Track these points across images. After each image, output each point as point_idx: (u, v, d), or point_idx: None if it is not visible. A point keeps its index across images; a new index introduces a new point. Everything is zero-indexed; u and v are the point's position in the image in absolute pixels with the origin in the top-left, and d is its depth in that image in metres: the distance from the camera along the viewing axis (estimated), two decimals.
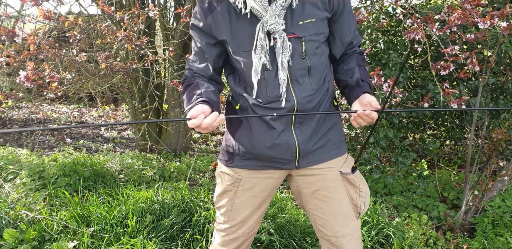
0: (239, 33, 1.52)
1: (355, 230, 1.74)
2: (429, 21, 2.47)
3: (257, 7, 1.46)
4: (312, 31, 1.53)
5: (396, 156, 3.32)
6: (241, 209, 1.74)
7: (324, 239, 1.76)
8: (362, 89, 1.56)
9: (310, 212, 1.76)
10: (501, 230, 2.91)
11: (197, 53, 1.64)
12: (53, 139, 5.06)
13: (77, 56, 2.94)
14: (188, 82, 1.60)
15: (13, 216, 2.67)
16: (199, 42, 1.60)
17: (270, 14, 1.46)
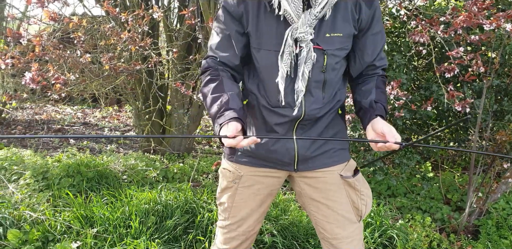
0: (264, 30, 1.49)
1: (356, 233, 1.73)
2: (434, 23, 2.47)
3: (290, 11, 1.43)
4: (337, 45, 1.51)
5: (400, 157, 3.31)
6: (241, 206, 1.74)
7: (325, 241, 1.76)
8: (375, 112, 1.52)
9: (311, 213, 1.76)
10: (505, 232, 2.90)
11: (223, 40, 1.54)
12: (57, 139, 5.07)
13: (81, 58, 2.95)
14: (212, 75, 1.53)
15: (17, 217, 2.68)
16: (227, 29, 1.52)
17: (302, 22, 1.43)
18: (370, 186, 3.55)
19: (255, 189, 1.72)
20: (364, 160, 3.37)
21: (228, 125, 1.35)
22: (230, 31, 1.51)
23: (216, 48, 1.56)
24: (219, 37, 1.55)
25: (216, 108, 1.44)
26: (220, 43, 1.55)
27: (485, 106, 3.10)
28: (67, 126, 5.78)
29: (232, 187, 1.73)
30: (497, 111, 3.40)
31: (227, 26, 1.51)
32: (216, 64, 1.56)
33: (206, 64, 1.58)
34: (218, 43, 1.55)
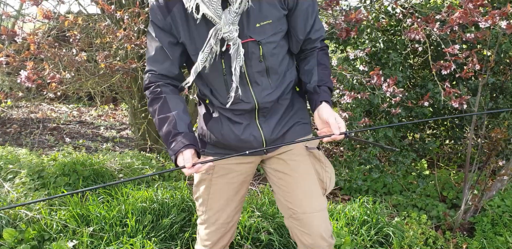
0: (196, 36, 1.51)
1: (322, 207, 1.77)
2: (430, 20, 2.48)
3: (210, 14, 1.43)
4: (269, 32, 1.53)
5: (396, 155, 3.32)
6: (217, 197, 1.77)
7: (293, 219, 1.78)
8: (319, 98, 1.56)
9: (280, 188, 1.78)
10: (500, 229, 2.91)
11: (158, 53, 1.56)
12: (53, 138, 5.06)
13: (77, 56, 2.94)
14: (155, 94, 1.55)
15: (13, 216, 2.67)
16: (159, 41, 1.54)
17: (224, 22, 1.44)
18: (366, 184, 3.57)
19: (229, 178, 1.75)
20: (360, 157, 3.38)
21: (184, 154, 1.41)
22: (163, 44, 1.53)
23: (153, 61, 1.56)
24: (154, 50, 1.55)
25: (166, 130, 1.48)
26: (156, 57, 1.56)
27: (480, 104, 3.11)
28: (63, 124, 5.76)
29: (206, 178, 1.76)
30: (492, 109, 3.41)
31: (159, 39, 1.53)
32: (157, 78, 1.57)
33: (147, 80, 1.59)
34: (154, 56, 1.56)
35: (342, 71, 2.95)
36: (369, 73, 2.79)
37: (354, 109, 3.23)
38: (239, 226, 2.70)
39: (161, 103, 1.52)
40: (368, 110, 3.50)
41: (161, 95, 1.54)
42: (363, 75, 2.85)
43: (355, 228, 2.82)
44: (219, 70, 1.55)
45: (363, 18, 2.68)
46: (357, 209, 2.96)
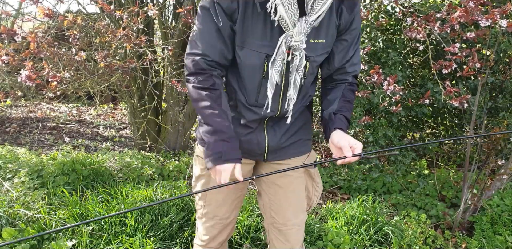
0: (249, 29, 1.44)
1: (303, 222, 1.82)
2: (430, 19, 2.47)
3: (287, 18, 1.38)
4: (319, 52, 1.51)
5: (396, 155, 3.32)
6: (216, 191, 1.73)
7: (273, 227, 1.81)
8: (333, 125, 1.53)
9: (269, 197, 1.80)
10: (499, 228, 2.92)
11: (214, 36, 1.43)
12: (52, 137, 5.06)
13: (76, 55, 2.93)
14: (210, 86, 1.46)
15: (12, 215, 2.67)
16: (219, 23, 1.42)
17: (298, 30, 1.40)
18: (365, 183, 3.57)
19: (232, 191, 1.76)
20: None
21: (236, 167, 1.41)
22: (224, 26, 1.42)
23: (206, 45, 1.44)
24: (209, 32, 1.43)
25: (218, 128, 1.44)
26: (212, 40, 1.44)
27: (480, 103, 3.11)
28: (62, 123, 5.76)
29: (205, 174, 1.76)
30: (492, 108, 3.41)
31: (221, 20, 1.41)
32: (210, 65, 1.47)
33: (197, 65, 1.47)
34: (209, 39, 1.44)
35: None
36: (369, 72, 2.79)
37: (354, 108, 3.24)
38: (239, 225, 2.70)
39: (216, 96, 1.46)
40: (368, 109, 3.50)
41: (216, 88, 1.47)
42: (363, 74, 2.85)
43: (355, 227, 2.82)
44: (260, 72, 1.51)
45: (362, 17, 2.68)
46: (356, 208, 2.96)
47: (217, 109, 1.45)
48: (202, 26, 1.44)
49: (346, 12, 1.48)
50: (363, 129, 3.41)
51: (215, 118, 1.44)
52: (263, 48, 1.46)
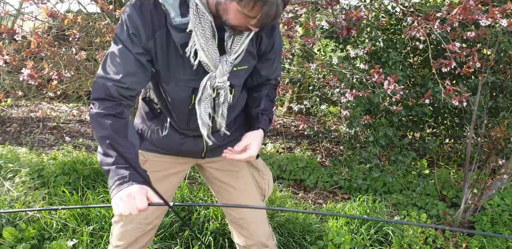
0: (173, 66, 1.42)
1: (262, 214, 1.85)
2: (430, 19, 2.47)
3: (208, 62, 1.39)
4: (243, 77, 1.56)
5: (396, 154, 3.32)
6: None
7: (233, 223, 1.85)
8: (258, 124, 1.63)
9: (222, 196, 1.83)
10: (500, 228, 2.92)
11: (131, 64, 1.35)
12: (52, 137, 5.06)
13: (77, 55, 2.94)
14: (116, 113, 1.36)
15: (13, 215, 2.67)
16: (135, 53, 1.35)
17: (220, 72, 1.43)
18: (366, 183, 3.57)
19: (159, 176, 1.73)
20: (360, 157, 3.38)
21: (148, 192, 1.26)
22: (140, 58, 1.36)
23: (123, 71, 1.34)
24: (126, 61, 1.35)
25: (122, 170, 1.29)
26: (128, 67, 1.35)
27: (480, 103, 3.11)
28: (63, 123, 5.76)
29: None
30: (492, 108, 3.41)
31: (136, 51, 1.35)
32: (120, 95, 1.37)
33: (108, 90, 1.34)
34: (125, 66, 1.34)
35: (343, 69, 2.95)
36: (369, 71, 2.79)
37: (354, 108, 3.23)
38: None
39: (121, 126, 1.35)
40: (368, 109, 3.50)
41: (123, 117, 1.38)
42: (363, 74, 2.85)
43: (355, 227, 2.82)
44: (187, 103, 1.52)
45: (364, 16, 2.68)
46: (357, 208, 2.96)
47: (120, 140, 1.33)
48: (119, 51, 1.35)
49: (265, 38, 1.49)
50: (364, 128, 3.41)
51: (117, 149, 1.25)
52: (189, 83, 1.47)
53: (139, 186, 1.25)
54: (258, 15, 1.21)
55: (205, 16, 1.31)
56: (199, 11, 1.30)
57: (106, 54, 1.40)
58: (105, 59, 1.39)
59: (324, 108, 5.01)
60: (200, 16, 1.31)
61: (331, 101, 4.57)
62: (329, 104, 4.77)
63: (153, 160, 1.72)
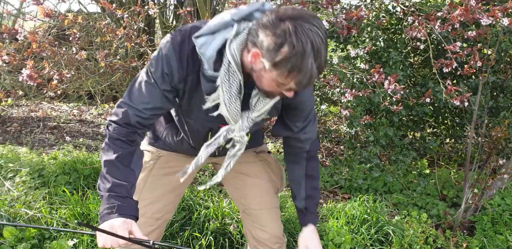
0: (195, 106, 1.45)
1: (274, 205, 1.86)
2: (431, 18, 2.47)
3: (228, 116, 1.41)
4: (261, 123, 1.59)
5: (396, 154, 3.32)
6: (152, 188, 1.76)
7: (246, 214, 1.86)
8: (307, 220, 1.70)
9: (236, 187, 1.86)
10: (500, 228, 2.91)
11: (155, 98, 1.39)
12: (53, 137, 5.06)
13: (77, 55, 2.94)
14: (128, 140, 1.41)
15: (13, 214, 2.67)
16: (165, 95, 1.39)
17: (239, 127, 1.44)
18: (366, 183, 3.57)
19: (171, 172, 1.76)
20: (360, 156, 3.38)
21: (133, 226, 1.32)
22: (167, 94, 1.39)
23: (147, 103, 1.39)
24: (150, 95, 1.39)
25: (118, 183, 1.36)
26: (154, 101, 1.39)
27: (481, 102, 3.11)
28: (63, 123, 5.76)
29: (147, 167, 1.77)
30: (493, 107, 3.41)
31: (164, 88, 1.38)
32: (138, 124, 1.42)
33: (126, 118, 1.40)
34: (151, 99, 1.39)
35: (343, 69, 2.95)
36: (369, 71, 2.78)
37: (355, 108, 3.23)
38: (240, 224, 2.70)
39: (127, 153, 1.41)
40: (369, 108, 3.50)
41: (133, 145, 1.44)
42: (363, 74, 2.85)
43: (355, 226, 2.82)
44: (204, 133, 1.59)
45: (364, 15, 2.68)
46: (357, 207, 2.96)
47: (121, 167, 1.38)
48: (148, 84, 1.38)
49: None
50: (364, 128, 3.41)
51: (116, 175, 1.36)
52: (208, 123, 1.51)
53: (123, 220, 1.29)
54: (293, 84, 1.22)
55: (235, 75, 1.31)
56: (230, 69, 1.31)
57: (134, 80, 1.43)
58: (132, 86, 1.42)
59: (324, 108, 5.01)
60: (230, 74, 1.31)
61: (331, 101, 4.57)
62: (330, 104, 4.76)
63: (167, 156, 1.77)
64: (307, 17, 1.17)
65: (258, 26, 1.21)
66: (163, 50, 1.35)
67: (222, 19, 1.29)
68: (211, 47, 1.28)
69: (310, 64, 1.16)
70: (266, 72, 1.23)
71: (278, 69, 1.19)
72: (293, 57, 1.15)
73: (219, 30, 1.29)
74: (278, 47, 1.16)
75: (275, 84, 1.25)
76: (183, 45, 1.33)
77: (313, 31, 1.15)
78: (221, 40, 1.29)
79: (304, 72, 1.17)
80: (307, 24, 1.15)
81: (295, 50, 1.14)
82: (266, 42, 1.18)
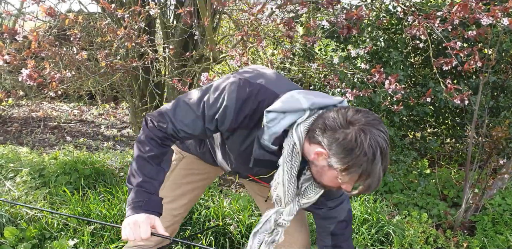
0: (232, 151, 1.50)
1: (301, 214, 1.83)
2: (431, 17, 2.47)
3: (282, 197, 1.41)
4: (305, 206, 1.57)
5: (397, 154, 3.31)
6: (173, 187, 1.79)
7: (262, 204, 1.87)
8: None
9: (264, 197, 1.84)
10: (501, 228, 2.91)
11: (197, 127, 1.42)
12: (53, 137, 5.06)
13: (77, 55, 2.94)
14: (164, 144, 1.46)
15: (14, 214, 2.67)
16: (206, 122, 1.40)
17: (290, 211, 1.44)
18: None
19: (193, 172, 1.79)
20: None
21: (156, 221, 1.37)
22: (208, 132, 1.44)
23: (186, 130, 1.43)
24: (195, 125, 1.42)
25: (148, 179, 1.41)
26: (193, 130, 1.43)
27: (481, 102, 3.11)
28: (64, 123, 5.76)
29: (171, 166, 1.76)
30: (493, 107, 3.41)
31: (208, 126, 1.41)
32: (176, 137, 1.47)
33: (164, 130, 1.44)
34: (191, 127, 1.43)
35: (344, 69, 2.95)
36: (370, 71, 2.78)
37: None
38: (240, 224, 2.70)
39: (161, 153, 1.45)
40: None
41: (168, 149, 1.49)
42: (364, 74, 2.85)
43: (356, 226, 2.82)
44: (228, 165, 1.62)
45: (364, 15, 2.68)
46: (358, 207, 2.96)
47: (153, 165, 1.43)
48: (194, 115, 1.41)
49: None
50: None
51: (146, 172, 1.42)
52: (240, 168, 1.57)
53: (146, 216, 1.36)
54: (361, 187, 1.25)
55: (297, 156, 1.34)
56: (294, 151, 1.33)
57: (186, 96, 1.45)
58: (181, 103, 1.44)
59: None
60: (293, 155, 1.33)
61: None
62: None
63: (190, 158, 1.79)
64: (375, 123, 1.22)
65: (325, 124, 1.25)
66: (225, 97, 1.35)
67: (299, 105, 1.31)
68: (280, 125, 1.31)
69: (378, 169, 1.21)
70: (331, 170, 1.27)
71: (348, 174, 1.23)
72: (364, 164, 1.19)
73: (291, 112, 1.32)
74: (349, 153, 1.20)
75: (338, 182, 1.29)
76: (247, 103, 1.34)
77: (381, 137, 1.21)
78: (290, 121, 1.32)
79: (373, 177, 1.21)
80: (375, 131, 1.21)
81: (367, 157, 1.19)
82: (336, 146, 1.22)
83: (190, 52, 3.47)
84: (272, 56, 3.97)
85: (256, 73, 1.41)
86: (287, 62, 3.89)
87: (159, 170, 1.45)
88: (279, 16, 3.17)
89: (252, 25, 3.01)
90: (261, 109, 1.32)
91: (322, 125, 1.26)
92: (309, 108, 1.31)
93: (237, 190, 3.59)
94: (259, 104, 1.33)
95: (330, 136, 1.23)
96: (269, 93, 1.34)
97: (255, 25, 3.03)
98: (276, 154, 1.37)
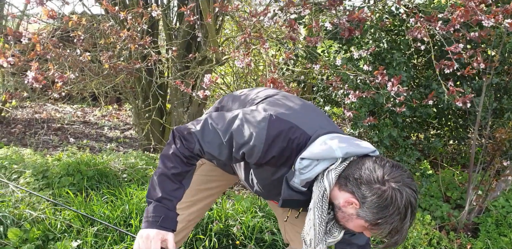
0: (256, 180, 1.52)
1: None
2: (432, 19, 2.47)
3: (313, 239, 1.42)
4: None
5: (400, 155, 3.31)
6: (191, 194, 1.79)
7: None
8: None
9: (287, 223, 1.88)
10: (504, 230, 2.90)
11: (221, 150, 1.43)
12: (57, 138, 5.08)
13: (81, 56, 2.95)
14: (188, 162, 1.48)
15: (17, 215, 2.68)
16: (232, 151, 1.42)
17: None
18: None
19: (211, 179, 1.81)
20: None
21: (169, 237, 1.41)
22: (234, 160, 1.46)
23: (211, 153, 1.45)
24: (220, 151, 1.44)
25: (168, 196, 1.44)
26: (217, 155, 1.45)
27: (484, 104, 3.10)
28: (67, 124, 5.78)
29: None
30: (497, 109, 3.40)
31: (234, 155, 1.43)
32: (198, 157, 1.49)
33: (191, 150, 1.46)
34: (216, 152, 1.44)
35: (346, 71, 2.95)
36: (373, 73, 2.79)
37: (358, 109, 3.23)
38: (243, 226, 2.70)
39: (184, 171, 1.47)
40: (372, 110, 3.49)
41: (192, 167, 1.51)
42: (367, 75, 2.85)
43: None
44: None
45: (366, 17, 2.68)
46: None
47: (174, 182, 1.46)
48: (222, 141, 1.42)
49: None
50: (368, 129, 3.40)
51: (167, 189, 1.44)
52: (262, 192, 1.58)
53: (157, 231, 1.39)
54: (388, 242, 1.29)
55: (327, 200, 1.36)
56: (324, 196, 1.35)
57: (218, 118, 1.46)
58: (206, 125, 1.45)
59: (328, 109, 5.01)
60: (323, 200, 1.35)
61: (335, 102, 4.56)
62: (333, 106, 4.76)
63: (209, 165, 1.80)
64: (409, 182, 1.26)
65: (362, 177, 1.28)
66: (253, 134, 1.36)
67: (333, 153, 1.32)
68: (313, 172, 1.34)
69: (407, 226, 1.26)
70: (359, 219, 1.31)
71: (377, 229, 1.29)
72: (395, 222, 1.25)
73: (324, 159, 1.33)
74: (382, 209, 1.25)
75: (363, 229, 1.33)
76: (275, 143, 1.36)
77: (413, 197, 1.25)
78: (323, 168, 1.34)
79: (400, 234, 1.26)
80: (409, 190, 1.25)
81: (399, 216, 1.24)
82: (370, 200, 1.25)
83: (193, 53, 3.48)
84: (273, 57, 3.97)
85: (286, 107, 1.44)
86: (290, 64, 3.89)
87: (180, 187, 1.47)
88: (281, 18, 3.17)
89: (255, 27, 3.01)
90: (290, 148, 1.35)
91: (358, 176, 1.29)
92: (343, 157, 1.34)
93: (240, 192, 3.59)
94: (289, 142, 1.36)
95: (366, 189, 1.27)
96: (299, 133, 1.37)
97: (257, 27, 3.03)
98: (303, 194, 1.39)
